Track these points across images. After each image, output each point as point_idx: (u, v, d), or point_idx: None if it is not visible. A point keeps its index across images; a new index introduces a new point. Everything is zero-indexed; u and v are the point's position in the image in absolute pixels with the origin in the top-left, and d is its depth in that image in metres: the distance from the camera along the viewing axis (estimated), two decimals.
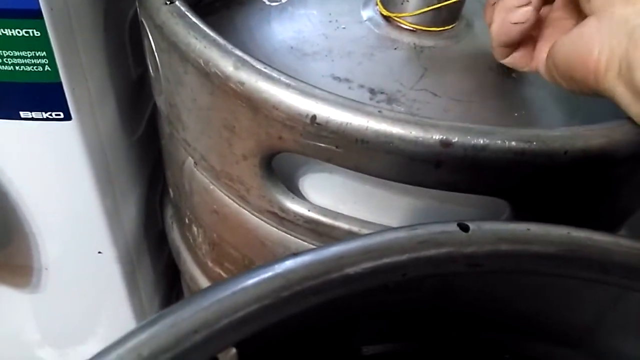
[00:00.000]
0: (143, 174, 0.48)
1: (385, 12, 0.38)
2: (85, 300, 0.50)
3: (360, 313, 0.24)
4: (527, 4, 0.28)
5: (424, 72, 0.36)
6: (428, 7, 0.36)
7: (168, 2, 0.28)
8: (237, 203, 0.32)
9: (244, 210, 0.32)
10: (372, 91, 0.35)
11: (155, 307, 0.57)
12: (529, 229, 0.19)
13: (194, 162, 0.34)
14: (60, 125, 0.33)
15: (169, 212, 0.47)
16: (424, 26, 0.37)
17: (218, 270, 0.39)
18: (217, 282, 0.17)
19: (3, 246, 0.44)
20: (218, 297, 0.16)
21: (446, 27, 0.38)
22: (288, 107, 0.25)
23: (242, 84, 0.25)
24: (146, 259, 0.52)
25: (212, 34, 0.26)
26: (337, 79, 0.35)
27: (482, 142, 0.23)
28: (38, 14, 0.28)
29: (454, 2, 0.36)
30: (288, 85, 0.25)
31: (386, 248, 0.18)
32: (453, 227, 0.19)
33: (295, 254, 0.18)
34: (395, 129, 0.24)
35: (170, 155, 0.38)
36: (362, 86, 0.35)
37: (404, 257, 0.18)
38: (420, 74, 0.36)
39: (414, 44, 0.37)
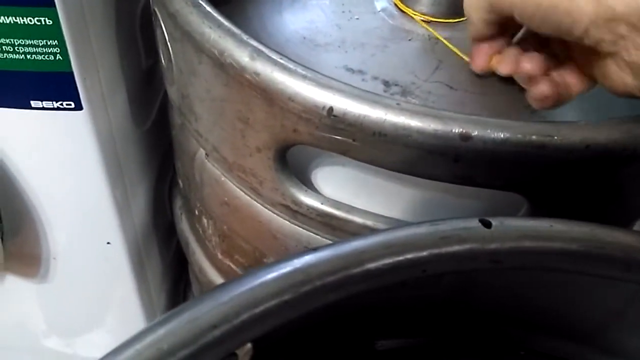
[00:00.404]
0: (153, 165, 0.47)
1: (399, 4, 0.37)
2: (93, 290, 0.50)
3: (376, 308, 0.24)
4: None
5: (438, 64, 0.35)
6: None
7: None
8: (249, 195, 0.32)
9: (256, 202, 0.32)
10: (386, 83, 0.34)
11: (163, 297, 0.57)
12: (552, 226, 0.19)
13: (206, 154, 0.33)
14: (71, 115, 0.33)
15: (178, 202, 0.47)
16: (438, 17, 0.37)
17: (228, 262, 0.38)
18: (235, 278, 0.17)
19: (12, 235, 0.44)
20: (237, 292, 0.16)
21: (462, 19, 0.37)
22: (304, 99, 0.24)
23: (258, 74, 0.25)
24: (155, 249, 0.52)
25: (227, 23, 0.26)
26: (350, 70, 0.35)
27: (502, 135, 0.23)
28: (50, 3, 0.28)
29: None
30: (304, 77, 0.24)
31: (408, 243, 0.18)
32: (475, 223, 0.19)
33: (315, 249, 0.18)
34: (414, 122, 0.23)
35: (181, 146, 0.38)
36: (375, 78, 0.34)
37: (425, 252, 0.18)
38: (435, 65, 0.35)
39: (429, 35, 0.36)
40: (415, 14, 0.37)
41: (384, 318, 0.26)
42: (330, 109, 0.24)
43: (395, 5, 0.38)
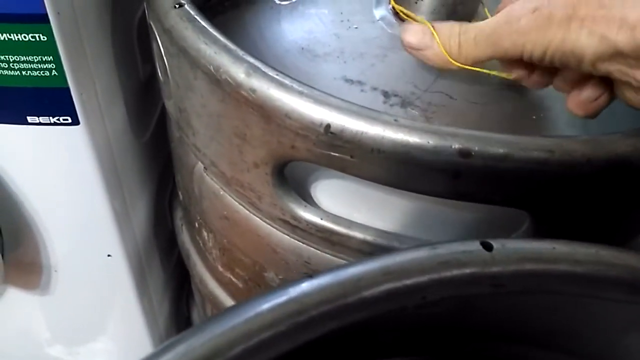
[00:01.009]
0: (152, 176, 0.47)
1: (399, 12, 0.37)
2: (95, 302, 0.50)
3: (374, 327, 0.23)
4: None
5: (438, 74, 0.35)
6: (442, 6, 0.35)
7: (177, 6, 0.27)
8: (248, 210, 0.32)
9: (255, 217, 0.32)
10: (385, 94, 0.34)
11: (166, 306, 0.57)
12: (554, 248, 0.19)
13: (204, 167, 0.33)
14: (68, 129, 0.33)
15: (179, 214, 0.46)
16: None
17: (229, 275, 0.38)
18: (229, 307, 0.16)
19: (12, 249, 0.43)
20: (230, 324, 0.16)
21: None
22: (301, 116, 0.24)
23: (254, 91, 0.24)
24: (156, 260, 0.52)
25: (222, 39, 0.26)
26: (349, 81, 0.34)
27: (502, 151, 0.23)
28: (44, 19, 0.27)
29: (471, 1, 0.35)
30: (301, 93, 0.24)
31: (406, 269, 0.17)
32: (476, 246, 0.18)
33: (311, 275, 0.17)
34: (412, 138, 0.23)
35: (179, 159, 0.38)
36: (375, 89, 0.34)
37: (425, 278, 0.18)
38: (435, 75, 0.35)
39: None
40: (415, 20, 0.36)
41: (384, 336, 0.26)
42: (328, 125, 0.23)
43: (395, 14, 0.37)
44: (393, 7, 0.37)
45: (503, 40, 0.25)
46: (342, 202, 0.31)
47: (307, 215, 0.29)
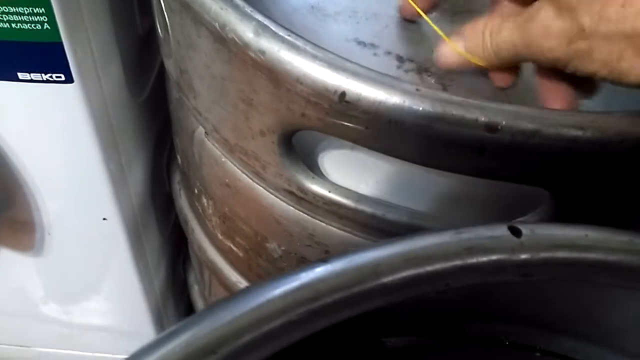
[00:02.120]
0: (149, 137, 0.45)
1: None
2: (90, 264, 0.49)
3: (386, 311, 0.22)
4: None
5: None
6: None
7: None
8: (251, 178, 0.30)
9: (259, 186, 0.30)
10: (400, 59, 0.32)
11: (162, 270, 0.56)
12: (587, 235, 0.17)
13: (205, 132, 0.31)
14: (61, 87, 0.31)
15: (177, 177, 0.45)
16: None
17: (229, 243, 0.37)
18: (238, 292, 0.15)
19: (4, 210, 0.42)
20: (239, 311, 0.14)
21: None
22: (314, 82, 0.22)
23: (263, 52, 0.22)
24: (152, 223, 0.50)
25: None
26: (361, 43, 0.32)
27: (532, 127, 0.21)
28: None
29: None
30: (315, 57, 0.22)
31: (428, 255, 0.16)
32: (503, 230, 0.17)
33: (325, 260, 0.16)
34: (435, 110, 0.21)
35: (179, 122, 0.36)
36: (389, 53, 0.32)
37: (448, 264, 0.16)
38: None
39: (448, 7, 0.34)
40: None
41: (392, 316, 0.25)
42: (343, 93, 0.22)
43: None
44: None
45: (536, 56, 0.23)
46: (349, 173, 0.29)
47: (315, 187, 0.27)
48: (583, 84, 0.25)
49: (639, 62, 0.20)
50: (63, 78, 0.30)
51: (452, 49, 0.27)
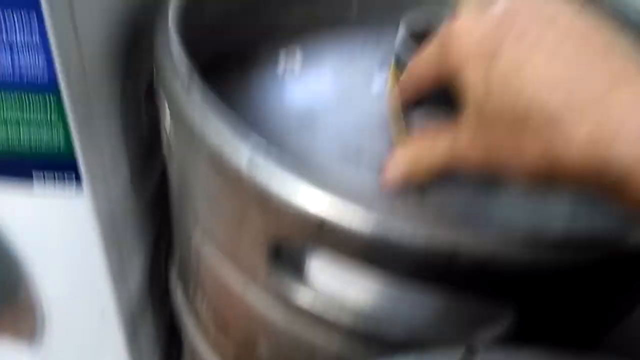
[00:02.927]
0: (150, 232, 0.48)
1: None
2: (86, 354, 0.49)
3: None
4: None
5: None
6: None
7: (187, 88, 0.28)
8: (243, 285, 0.32)
9: (250, 292, 0.32)
10: (380, 172, 0.35)
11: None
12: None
13: (202, 238, 0.34)
14: (72, 194, 0.34)
15: (174, 273, 0.47)
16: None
17: (221, 341, 0.38)
18: None
19: (8, 301, 0.44)
20: None
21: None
22: (297, 211, 0.25)
23: (254, 179, 0.25)
24: (149, 315, 0.52)
25: (228, 126, 0.27)
26: (346, 158, 0.35)
27: (490, 252, 0.23)
28: (55, 87, 0.29)
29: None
30: (298, 189, 0.25)
31: None
32: (460, 355, 0.19)
33: None
34: (403, 237, 0.24)
35: (179, 225, 0.38)
36: (371, 166, 0.35)
37: None
38: None
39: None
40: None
41: None
42: (322, 222, 0.24)
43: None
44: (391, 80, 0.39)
45: (467, 167, 0.26)
46: (336, 281, 0.31)
47: (301, 296, 0.29)
48: None
49: (545, 171, 0.22)
50: (74, 185, 0.33)
51: (395, 169, 0.30)
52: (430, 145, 0.28)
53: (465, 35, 0.25)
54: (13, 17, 0.26)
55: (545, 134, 0.21)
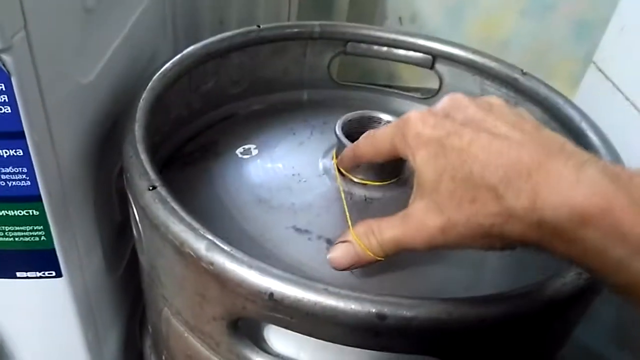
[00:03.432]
0: (124, 305, 0.51)
1: (339, 169, 0.43)
2: None
3: None
4: None
5: None
6: (374, 167, 0.42)
7: (151, 188, 0.33)
8: (208, 352, 0.36)
9: (215, 358, 0.36)
10: (328, 241, 0.39)
11: None
12: None
13: (171, 313, 0.38)
14: (51, 281, 0.37)
15: (148, 342, 0.50)
16: (371, 180, 0.43)
17: None
18: None
19: None
20: None
21: (391, 180, 0.43)
22: (249, 285, 0.29)
23: (212, 264, 0.30)
24: None
25: (188, 219, 0.31)
26: (298, 230, 0.40)
27: (411, 314, 0.28)
28: (38, 198, 0.33)
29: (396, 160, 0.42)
30: (250, 266, 0.29)
31: None
32: None
33: None
34: (339, 305, 0.28)
35: (149, 301, 0.42)
36: (320, 237, 0.40)
37: None
38: None
39: (365, 196, 0.42)
40: (353, 177, 0.43)
41: None
42: (271, 294, 0.29)
43: (338, 170, 0.44)
44: (335, 163, 0.44)
45: (418, 245, 0.29)
46: (291, 342, 0.35)
47: None
48: None
49: (497, 239, 0.26)
50: (54, 274, 0.37)
51: (344, 249, 0.32)
52: (378, 228, 0.31)
53: (420, 123, 0.29)
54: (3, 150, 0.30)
55: (492, 207, 0.25)
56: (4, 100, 0.28)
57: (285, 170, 0.45)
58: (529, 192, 0.24)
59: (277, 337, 0.36)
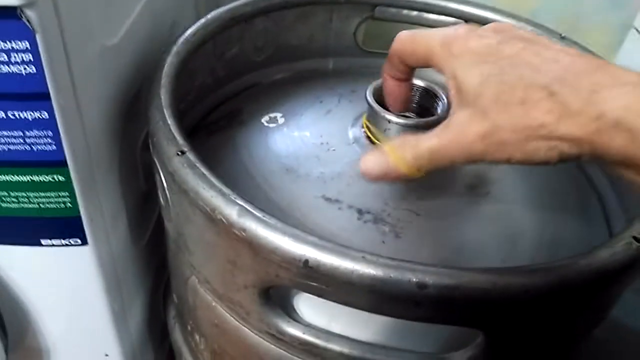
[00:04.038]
0: (148, 276, 0.51)
1: (370, 136, 0.42)
2: None
3: None
4: None
5: (406, 192, 0.40)
6: (406, 133, 0.40)
7: (180, 153, 0.32)
8: (237, 321, 0.35)
9: (244, 327, 0.35)
10: (359, 211, 0.38)
11: None
12: None
13: (198, 281, 0.37)
14: (77, 249, 0.37)
15: (172, 312, 0.50)
16: None
17: None
18: None
19: (15, 350, 0.46)
20: None
21: None
22: (283, 252, 0.28)
23: (244, 230, 0.29)
24: (149, 353, 0.54)
25: (218, 184, 0.30)
26: (328, 200, 0.39)
27: (453, 283, 0.27)
28: (63, 164, 0.32)
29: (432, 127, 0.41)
30: (284, 233, 0.28)
31: None
32: None
33: None
34: (377, 273, 0.27)
35: (175, 269, 0.41)
36: (350, 207, 0.38)
37: None
38: (403, 193, 0.40)
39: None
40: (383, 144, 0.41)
41: None
42: (306, 261, 0.28)
43: (367, 136, 0.42)
44: (365, 131, 0.43)
45: (457, 158, 0.27)
46: (322, 313, 0.34)
47: (290, 329, 0.32)
48: None
49: (543, 144, 0.24)
50: (79, 242, 0.36)
51: (377, 157, 0.30)
52: (415, 140, 0.28)
53: (469, 34, 0.27)
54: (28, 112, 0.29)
55: (544, 105, 0.23)
56: (29, 59, 0.27)
57: (313, 138, 0.44)
58: (587, 88, 0.22)
59: (308, 307, 0.35)
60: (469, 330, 0.31)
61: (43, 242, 0.36)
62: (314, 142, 0.43)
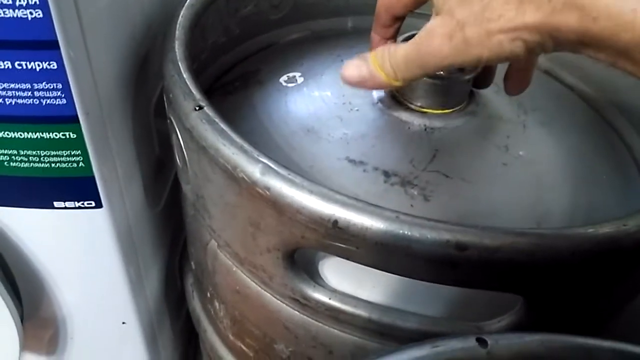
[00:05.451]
0: (164, 242, 0.49)
1: (396, 95, 0.40)
2: None
3: None
4: None
5: (435, 153, 0.38)
6: (435, 92, 0.38)
7: (197, 108, 0.30)
8: (259, 286, 0.34)
9: (267, 293, 0.34)
10: (386, 174, 0.36)
11: None
12: (543, 342, 0.21)
13: (218, 246, 0.35)
14: (91, 212, 0.35)
15: (190, 279, 0.48)
16: (432, 108, 0.39)
17: (239, 344, 0.40)
18: None
19: (31, 317, 0.45)
20: None
21: (454, 109, 0.39)
22: (310, 212, 0.26)
23: (268, 189, 0.27)
24: (167, 321, 0.53)
25: (239, 140, 0.28)
26: (352, 162, 0.37)
27: (495, 244, 0.25)
28: (74, 119, 0.30)
29: (461, 85, 0.38)
30: (311, 191, 0.26)
31: None
32: (472, 342, 0.20)
33: None
34: (412, 233, 0.25)
35: (193, 234, 0.40)
36: (376, 169, 0.36)
37: None
38: (432, 155, 0.37)
39: (425, 125, 0.39)
40: (411, 105, 0.39)
41: None
42: (335, 221, 0.26)
43: (392, 96, 0.40)
44: (390, 90, 0.40)
45: (429, 63, 0.27)
46: (348, 279, 0.33)
47: (316, 294, 0.31)
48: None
49: (504, 37, 0.24)
50: (94, 205, 0.35)
51: (358, 63, 0.31)
52: (394, 48, 0.29)
53: None
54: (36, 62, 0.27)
55: None
56: (35, 2, 0.25)
57: (335, 98, 0.41)
58: None
59: (334, 273, 0.33)
60: (506, 297, 0.29)
61: (56, 204, 0.35)
62: (336, 102, 0.41)
